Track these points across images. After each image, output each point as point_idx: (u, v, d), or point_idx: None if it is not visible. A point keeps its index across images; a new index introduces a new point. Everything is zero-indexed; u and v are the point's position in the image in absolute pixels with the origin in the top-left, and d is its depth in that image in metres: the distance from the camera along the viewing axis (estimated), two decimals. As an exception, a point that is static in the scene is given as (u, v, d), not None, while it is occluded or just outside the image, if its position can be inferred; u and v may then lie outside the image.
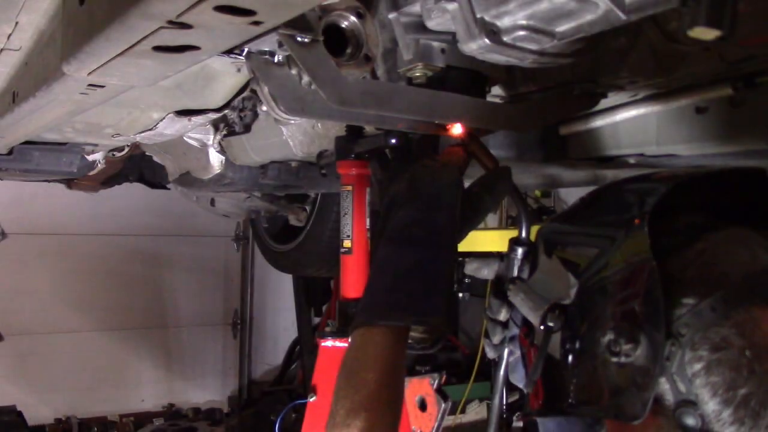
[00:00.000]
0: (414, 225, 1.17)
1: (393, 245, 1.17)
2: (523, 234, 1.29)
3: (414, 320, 1.12)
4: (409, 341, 1.17)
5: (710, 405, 0.87)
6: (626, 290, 0.95)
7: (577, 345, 1.00)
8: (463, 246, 1.29)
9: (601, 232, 1.06)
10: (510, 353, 1.24)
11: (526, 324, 1.19)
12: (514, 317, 1.21)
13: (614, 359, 0.93)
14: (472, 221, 1.27)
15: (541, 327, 1.04)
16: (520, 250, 1.26)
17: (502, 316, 1.23)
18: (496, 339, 1.25)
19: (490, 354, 1.28)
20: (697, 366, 0.88)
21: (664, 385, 0.90)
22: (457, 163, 1.32)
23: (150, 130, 2.11)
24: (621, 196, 1.10)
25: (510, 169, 1.33)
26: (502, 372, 1.28)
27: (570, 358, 1.01)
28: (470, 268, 1.32)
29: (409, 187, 1.22)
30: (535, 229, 1.24)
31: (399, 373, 1.11)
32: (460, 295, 4.33)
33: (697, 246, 0.97)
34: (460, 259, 2.22)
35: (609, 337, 0.94)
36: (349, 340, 1.13)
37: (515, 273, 1.25)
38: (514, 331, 1.22)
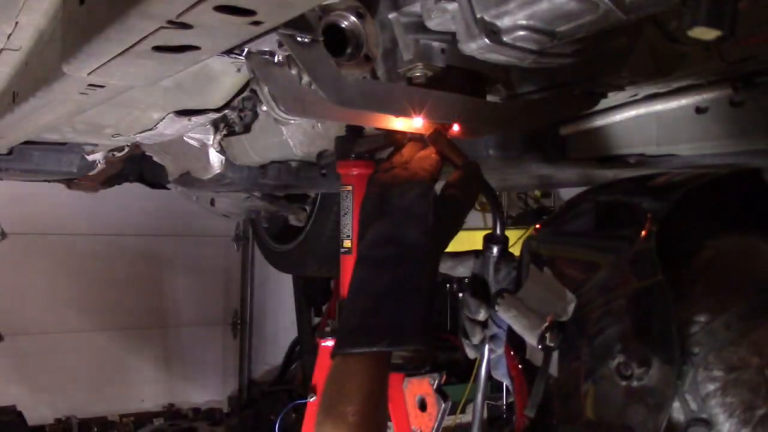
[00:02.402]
0: (385, 243, 1.10)
1: (365, 266, 1.11)
2: (498, 231, 1.24)
3: (391, 345, 1.05)
4: (399, 361, 1.13)
5: (726, 426, 0.85)
6: (634, 309, 0.92)
7: (581, 366, 0.96)
8: (462, 246, 1.27)
9: (601, 245, 1.02)
10: (491, 351, 1.22)
11: (511, 342, 1.17)
12: (496, 319, 1.18)
13: (624, 383, 0.89)
14: (451, 228, 1.18)
15: (540, 347, 1.01)
16: (495, 249, 1.23)
17: (482, 315, 1.20)
18: (476, 339, 1.22)
19: (471, 354, 1.24)
20: (711, 386, 0.86)
21: (674, 404, 0.87)
22: (429, 170, 1.20)
23: (150, 130, 2.11)
24: (618, 203, 1.06)
25: (479, 165, 1.23)
26: (483, 371, 1.24)
27: (572, 378, 0.97)
28: (444, 266, 1.27)
29: (379, 203, 1.15)
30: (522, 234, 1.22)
31: (380, 401, 1.06)
32: (460, 294, 4.34)
33: (703, 255, 0.94)
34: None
35: (618, 360, 0.90)
36: (329, 368, 1.09)
37: (491, 272, 1.22)
38: (494, 330, 1.20)
